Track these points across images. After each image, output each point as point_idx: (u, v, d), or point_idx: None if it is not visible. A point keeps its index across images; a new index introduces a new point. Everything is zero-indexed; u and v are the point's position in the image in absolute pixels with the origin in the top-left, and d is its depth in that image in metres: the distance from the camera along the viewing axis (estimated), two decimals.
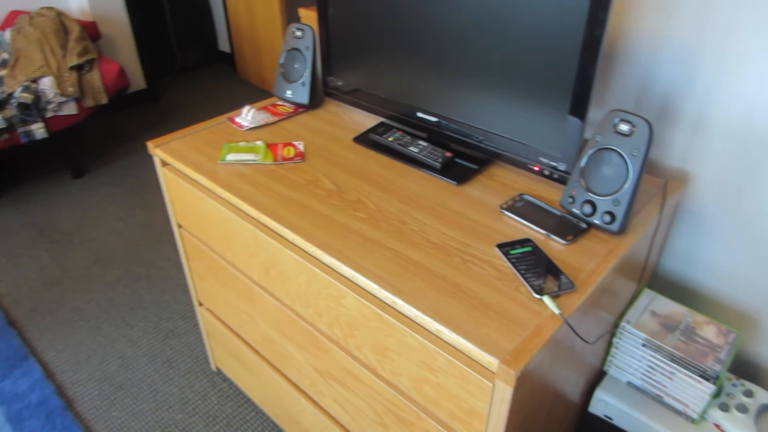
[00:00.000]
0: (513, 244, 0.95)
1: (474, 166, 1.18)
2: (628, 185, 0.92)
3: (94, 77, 2.67)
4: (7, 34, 2.75)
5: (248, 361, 1.45)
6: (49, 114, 2.53)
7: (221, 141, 1.30)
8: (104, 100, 2.69)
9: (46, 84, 2.51)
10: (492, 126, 1.11)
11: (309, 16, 2.53)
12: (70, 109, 2.59)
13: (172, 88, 3.90)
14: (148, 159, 3.03)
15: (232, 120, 1.38)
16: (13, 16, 3.01)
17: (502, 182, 1.15)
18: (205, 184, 1.17)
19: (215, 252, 1.30)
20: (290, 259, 1.03)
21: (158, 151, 1.26)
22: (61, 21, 2.78)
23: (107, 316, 2.00)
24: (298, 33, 1.40)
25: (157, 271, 2.21)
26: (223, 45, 4.25)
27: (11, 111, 2.41)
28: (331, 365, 1.10)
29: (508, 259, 0.91)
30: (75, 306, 2.04)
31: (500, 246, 0.94)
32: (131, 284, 2.15)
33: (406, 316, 0.86)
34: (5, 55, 2.69)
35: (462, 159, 1.20)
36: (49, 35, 2.67)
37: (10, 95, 2.45)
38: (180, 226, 1.40)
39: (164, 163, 1.30)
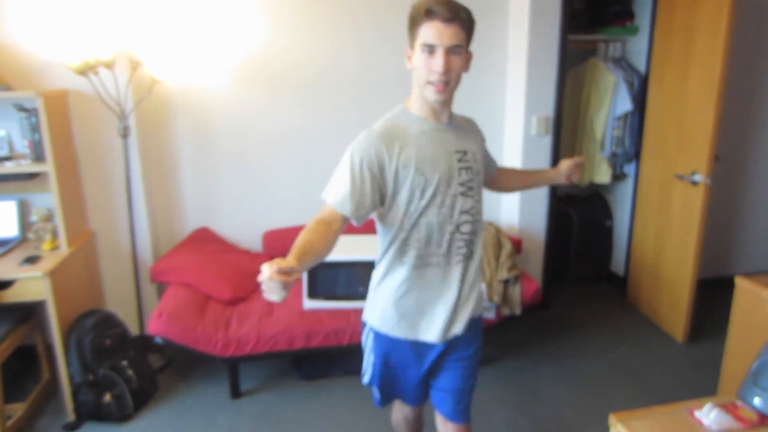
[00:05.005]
0: None
1: None
2: None
3: (515, 291, 3.09)
4: None
5: None
6: None
7: None
8: (518, 312, 3.07)
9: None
10: None
11: None
12: (490, 314, 3.03)
13: (561, 298, 4.18)
14: (538, 365, 3.24)
15: (691, 412, 1.42)
16: None
17: None
18: None
19: None
20: None
21: (620, 426, 1.38)
22: (498, 237, 3.36)
23: None
24: None
25: None
26: (616, 267, 4.41)
27: None
28: None
29: None
30: None
31: None
32: None
33: None
34: None
35: None
36: (488, 248, 3.25)
37: None
38: None
39: None
